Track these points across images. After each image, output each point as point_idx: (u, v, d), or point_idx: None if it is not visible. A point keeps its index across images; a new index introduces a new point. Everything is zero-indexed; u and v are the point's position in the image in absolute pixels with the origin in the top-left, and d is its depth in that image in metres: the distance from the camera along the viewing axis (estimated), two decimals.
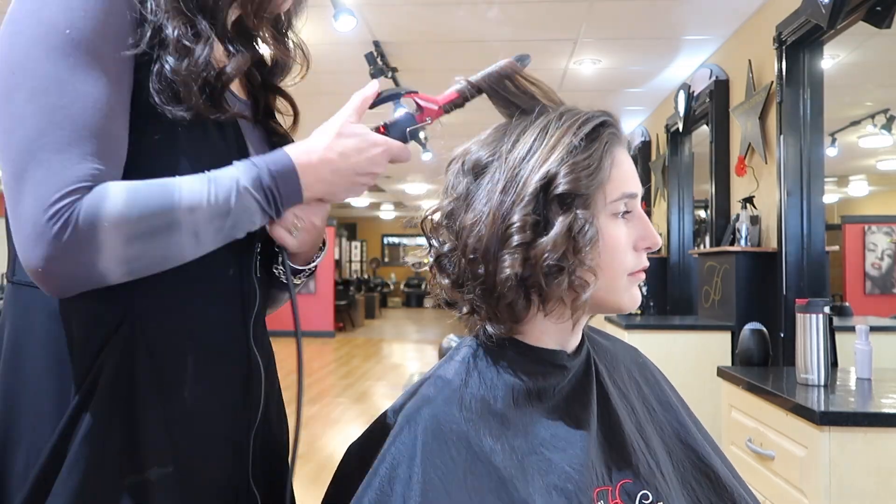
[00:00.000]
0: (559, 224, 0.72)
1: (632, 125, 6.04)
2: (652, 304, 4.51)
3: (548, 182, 0.72)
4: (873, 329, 2.05)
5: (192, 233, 0.66)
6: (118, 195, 0.63)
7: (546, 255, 0.71)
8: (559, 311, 0.76)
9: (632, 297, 0.79)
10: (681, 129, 4.54)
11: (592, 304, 0.77)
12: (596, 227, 0.74)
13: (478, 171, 0.77)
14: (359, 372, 7.38)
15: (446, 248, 0.78)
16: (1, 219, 4.51)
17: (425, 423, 0.71)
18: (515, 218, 0.72)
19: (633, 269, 0.78)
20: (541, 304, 0.76)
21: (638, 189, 0.78)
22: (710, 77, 4.04)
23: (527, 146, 0.75)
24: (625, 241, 0.77)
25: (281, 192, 0.71)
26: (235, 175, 0.69)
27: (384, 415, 0.79)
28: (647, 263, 0.80)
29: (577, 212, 0.73)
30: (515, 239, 0.72)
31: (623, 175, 0.76)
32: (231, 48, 0.78)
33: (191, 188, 0.66)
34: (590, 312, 0.80)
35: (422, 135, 0.83)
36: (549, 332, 0.79)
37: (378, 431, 0.76)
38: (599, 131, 0.76)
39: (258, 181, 0.70)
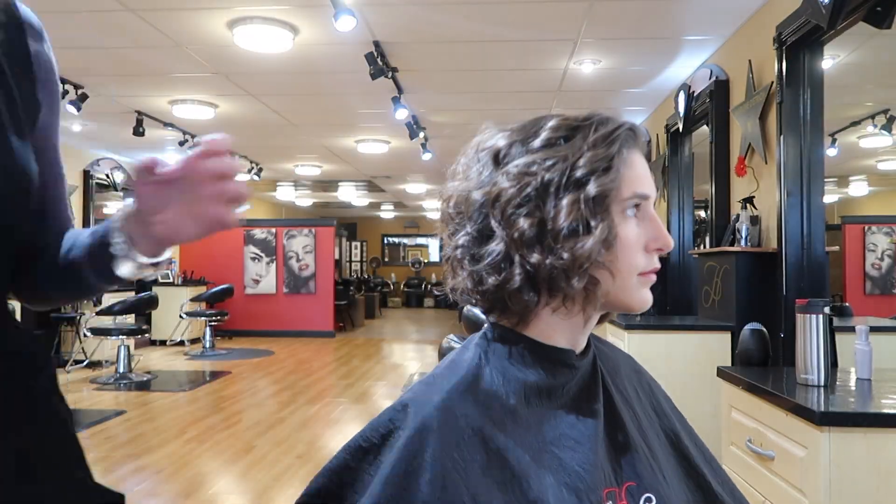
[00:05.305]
0: (599, 229, 0.73)
1: None
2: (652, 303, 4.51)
3: (578, 183, 0.73)
4: (873, 329, 2.05)
5: None
6: None
7: (589, 256, 0.72)
8: (568, 308, 0.77)
9: (642, 297, 0.80)
10: (681, 130, 4.54)
11: (603, 302, 0.78)
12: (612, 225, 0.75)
13: (500, 160, 0.77)
14: (359, 372, 7.37)
15: (462, 239, 0.78)
16: None
17: (441, 418, 0.70)
18: (558, 215, 0.73)
19: (643, 270, 0.79)
20: (549, 300, 0.76)
21: (651, 191, 0.79)
22: (710, 77, 4.04)
23: (553, 147, 0.75)
24: (635, 240, 0.77)
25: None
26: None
27: (392, 408, 0.77)
28: (658, 265, 0.80)
29: (613, 215, 0.74)
30: (549, 238, 0.73)
31: (636, 175, 0.77)
32: None
33: None
34: (601, 311, 0.81)
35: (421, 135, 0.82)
36: (559, 330, 0.79)
37: (386, 424, 0.74)
38: (616, 132, 0.77)
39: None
